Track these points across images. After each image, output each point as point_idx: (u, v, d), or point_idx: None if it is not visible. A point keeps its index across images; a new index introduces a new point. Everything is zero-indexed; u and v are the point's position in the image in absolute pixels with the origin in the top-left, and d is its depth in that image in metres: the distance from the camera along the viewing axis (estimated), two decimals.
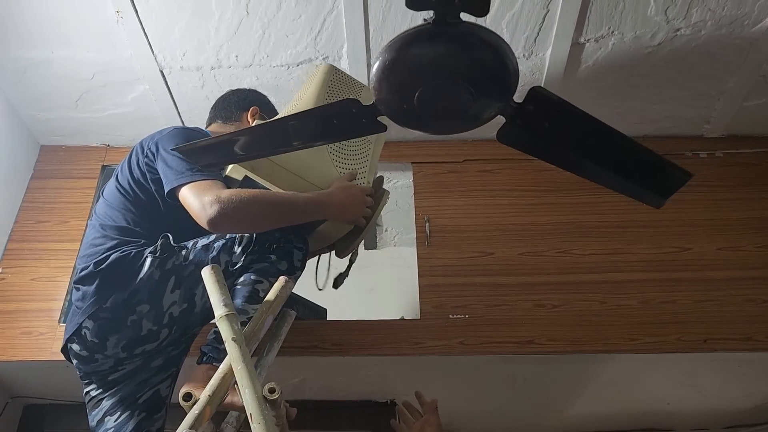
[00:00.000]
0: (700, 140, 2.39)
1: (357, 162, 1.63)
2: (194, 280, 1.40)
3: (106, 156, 2.36)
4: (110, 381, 1.47)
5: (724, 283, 2.04)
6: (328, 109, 1.13)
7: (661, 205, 1.45)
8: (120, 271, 1.42)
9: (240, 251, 1.45)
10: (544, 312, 2.00)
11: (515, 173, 2.31)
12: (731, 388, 2.27)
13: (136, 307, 1.38)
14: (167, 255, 1.42)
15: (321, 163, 1.56)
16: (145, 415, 1.46)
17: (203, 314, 1.45)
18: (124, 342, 1.40)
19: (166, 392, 1.53)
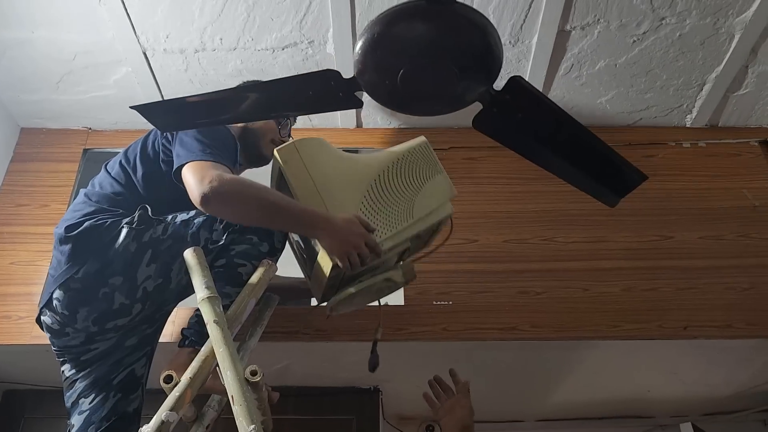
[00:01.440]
0: (683, 130, 2.41)
1: (384, 222, 1.47)
2: (171, 255, 1.38)
3: (88, 139, 2.33)
4: (83, 362, 1.44)
5: (704, 272, 2.06)
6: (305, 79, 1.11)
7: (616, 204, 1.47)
8: (93, 239, 1.38)
9: (221, 229, 1.42)
10: (528, 299, 2.01)
11: (501, 161, 2.31)
12: (711, 375, 2.30)
13: (109, 279, 1.35)
14: (145, 227, 1.39)
15: (348, 197, 1.46)
16: (120, 396, 1.44)
17: (178, 291, 1.42)
18: (94, 315, 1.37)
19: (141, 372, 1.50)
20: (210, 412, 1.38)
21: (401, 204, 1.50)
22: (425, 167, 1.56)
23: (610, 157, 1.22)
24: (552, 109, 1.11)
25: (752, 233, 2.15)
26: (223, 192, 1.33)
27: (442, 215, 1.54)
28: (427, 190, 1.54)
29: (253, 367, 1.21)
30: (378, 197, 1.48)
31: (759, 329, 1.95)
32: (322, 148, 1.50)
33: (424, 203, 1.53)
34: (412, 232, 1.50)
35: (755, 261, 2.09)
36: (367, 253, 1.38)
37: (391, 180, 1.51)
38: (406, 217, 1.49)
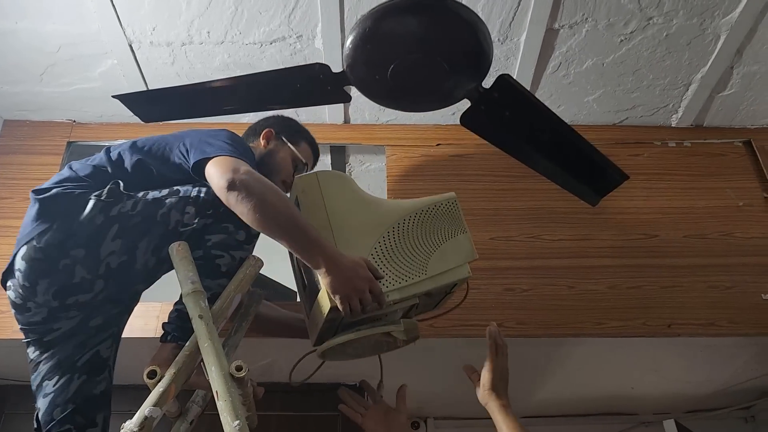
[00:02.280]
0: (669, 130, 2.43)
1: (394, 272, 1.39)
2: (138, 233, 1.34)
3: (72, 132, 2.31)
4: (46, 343, 1.40)
5: (688, 270, 2.08)
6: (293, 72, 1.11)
7: (597, 203, 1.49)
8: (59, 206, 1.34)
9: (193, 213, 1.38)
10: (514, 296, 2.02)
11: (488, 159, 2.32)
12: (694, 373, 2.32)
13: (71, 251, 1.30)
14: (114, 201, 1.34)
15: (361, 239, 1.40)
16: (86, 378, 1.40)
17: (145, 273, 1.38)
18: (54, 288, 1.33)
19: (107, 353, 1.46)
20: (194, 407, 1.37)
21: (416, 257, 1.41)
22: (449, 224, 1.48)
23: (592, 156, 1.22)
24: (539, 108, 1.11)
25: (735, 232, 2.18)
26: (252, 186, 1.28)
27: (457, 277, 1.44)
28: (447, 248, 1.45)
29: (238, 362, 1.20)
30: (392, 245, 1.41)
31: (741, 327, 1.97)
32: (344, 185, 1.45)
33: (441, 261, 1.43)
34: (423, 288, 1.41)
35: (738, 260, 2.11)
36: (369, 301, 1.30)
37: (410, 230, 1.43)
38: (418, 272, 1.40)
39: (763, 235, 2.17)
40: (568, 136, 1.15)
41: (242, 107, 1.18)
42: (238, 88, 1.14)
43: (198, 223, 1.39)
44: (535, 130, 1.16)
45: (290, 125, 1.82)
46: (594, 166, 1.23)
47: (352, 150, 2.58)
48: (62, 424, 1.37)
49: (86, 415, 1.39)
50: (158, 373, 1.21)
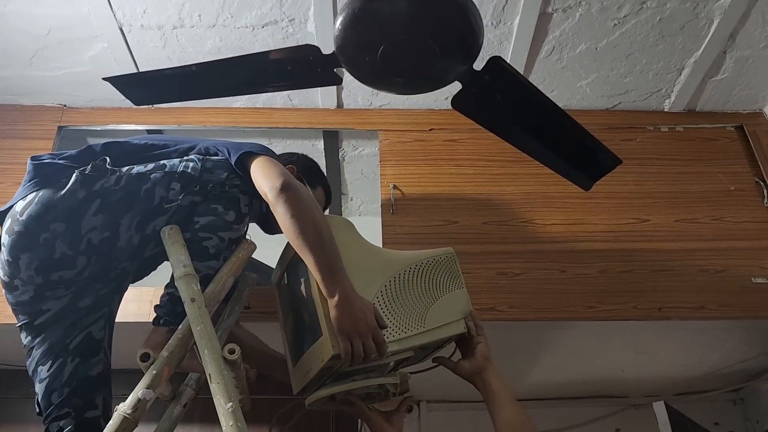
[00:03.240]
0: (661, 114, 2.44)
1: (394, 324, 1.35)
2: (122, 208, 1.33)
3: (63, 116, 2.29)
4: (37, 327, 1.39)
5: (679, 254, 2.09)
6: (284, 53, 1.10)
7: (589, 188, 1.48)
8: (43, 176, 1.34)
9: (178, 189, 1.37)
10: (506, 280, 2.03)
11: (481, 143, 2.32)
12: (683, 356, 2.34)
13: (51, 225, 1.29)
14: (97, 175, 1.33)
15: (363, 287, 1.34)
16: (79, 361, 1.39)
17: (130, 250, 1.36)
18: (36, 263, 1.31)
19: (100, 335, 1.44)
20: (188, 390, 1.37)
21: (415, 309, 1.38)
22: (447, 278, 1.46)
23: (585, 140, 1.22)
24: (530, 91, 1.11)
25: (726, 217, 2.19)
26: (303, 196, 1.32)
27: (454, 332, 1.42)
28: (444, 302, 1.43)
29: (231, 345, 1.21)
30: (393, 296, 1.38)
31: (731, 311, 1.99)
32: (348, 232, 1.43)
33: (438, 314, 1.40)
34: (421, 341, 1.37)
35: (729, 244, 2.13)
36: (372, 348, 1.26)
37: (410, 281, 1.41)
38: (417, 325, 1.37)
39: (753, 219, 2.18)
40: (561, 120, 1.15)
41: (234, 90, 1.18)
42: (229, 70, 1.13)
43: (183, 200, 1.37)
44: (528, 113, 1.15)
45: (311, 167, 1.84)
46: (587, 150, 1.23)
47: (344, 135, 2.57)
48: (60, 408, 1.36)
49: (84, 398, 1.38)
50: (151, 356, 1.21)
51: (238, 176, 1.44)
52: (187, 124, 2.32)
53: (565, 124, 1.18)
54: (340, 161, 2.69)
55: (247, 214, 1.45)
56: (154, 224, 1.37)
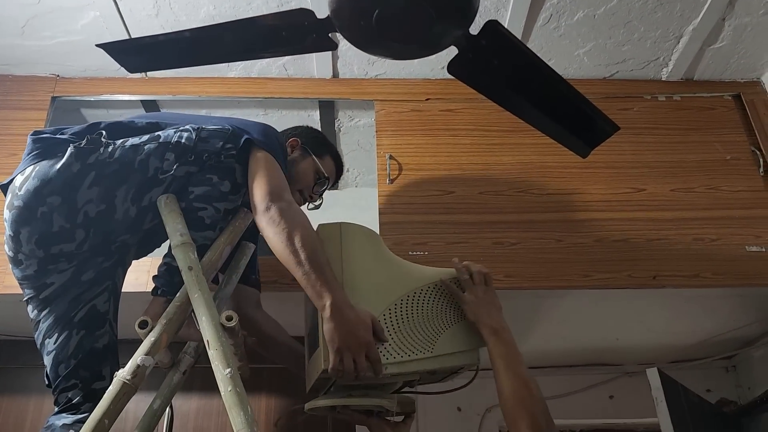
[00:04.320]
0: (659, 83, 2.42)
1: (399, 344, 1.30)
2: (116, 180, 1.33)
3: (56, 87, 2.27)
4: (42, 300, 1.41)
5: (674, 223, 2.10)
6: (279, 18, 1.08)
7: (587, 155, 1.47)
8: (40, 150, 1.34)
9: (173, 159, 1.36)
10: (502, 249, 2.04)
11: (478, 113, 2.31)
12: (677, 324, 2.37)
13: (47, 198, 1.30)
14: (92, 148, 1.33)
15: (371, 302, 1.31)
16: (84, 333, 1.41)
17: (127, 222, 1.37)
18: (36, 237, 1.32)
19: (104, 308, 1.45)
20: (186, 358, 1.39)
21: (425, 333, 1.32)
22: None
23: (583, 107, 1.22)
24: (527, 55, 1.10)
25: (722, 186, 2.19)
26: (286, 218, 1.33)
27: (464, 362, 1.35)
28: (460, 329, 1.36)
29: (228, 312, 1.22)
30: (403, 315, 1.31)
31: (725, 279, 2.00)
32: (367, 242, 1.38)
33: (451, 342, 1.34)
34: (426, 367, 1.31)
35: (724, 213, 2.13)
36: (363, 366, 1.23)
37: (426, 302, 1.35)
38: (424, 349, 1.30)
39: (749, 188, 2.19)
40: (558, 86, 1.14)
41: (228, 56, 1.17)
42: (223, 36, 1.12)
43: (179, 170, 1.37)
44: (525, 78, 1.14)
45: (317, 137, 1.84)
46: (584, 116, 1.22)
47: (340, 105, 2.56)
48: (68, 380, 1.39)
49: (91, 369, 1.40)
50: (149, 323, 1.22)
51: (235, 146, 1.43)
52: (182, 95, 2.30)
53: (563, 90, 1.17)
54: (336, 132, 2.67)
55: (243, 185, 1.45)
56: (150, 195, 1.37)
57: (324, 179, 1.78)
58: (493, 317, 1.33)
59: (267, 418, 2.11)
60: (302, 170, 1.73)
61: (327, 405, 1.35)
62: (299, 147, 1.76)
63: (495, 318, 1.33)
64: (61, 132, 1.40)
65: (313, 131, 1.87)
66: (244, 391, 1.12)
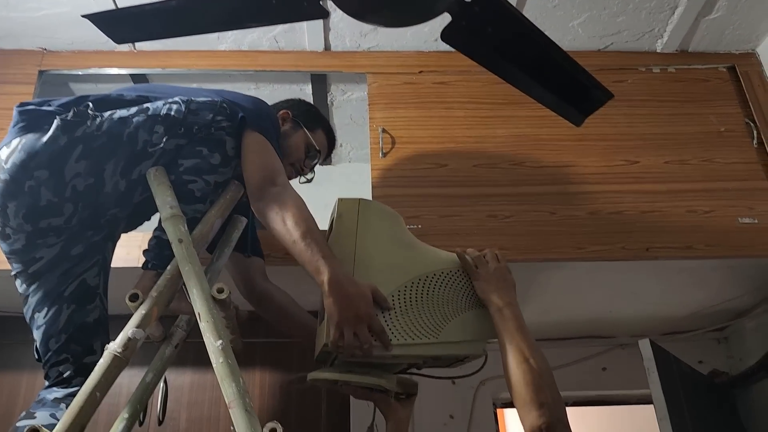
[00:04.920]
0: (654, 55, 2.40)
1: (404, 327, 1.28)
2: (104, 154, 1.31)
3: (43, 60, 2.23)
4: (32, 275, 1.40)
5: (668, 195, 2.10)
6: None
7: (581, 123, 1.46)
8: (26, 122, 1.31)
9: (162, 132, 1.34)
10: (496, 222, 2.03)
11: (471, 85, 2.29)
12: (670, 296, 2.38)
13: (34, 172, 1.27)
14: (79, 121, 1.30)
15: (381, 281, 1.28)
16: (75, 307, 1.40)
17: (116, 196, 1.36)
18: (23, 211, 1.30)
19: (94, 282, 1.45)
20: (179, 332, 1.39)
21: (433, 318, 1.29)
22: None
23: (577, 74, 1.20)
24: (521, 22, 1.08)
25: (716, 158, 2.18)
26: (279, 203, 1.34)
27: (469, 352, 1.34)
28: (470, 318, 1.33)
29: (220, 285, 1.21)
30: (412, 298, 1.29)
31: (717, 250, 2.01)
32: (385, 221, 1.34)
33: (458, 330, 1.31)
34: (429, 352, 1.30)
35: (717, 185, 2.13)
36: (366, 338, 1.22)
37: (437, 287, 1.32)
38: (430, 335, 1.28)
39: (742, 160, 2.18)
40: (552, 53, 1.12)
41: (217, 25, 1.15)
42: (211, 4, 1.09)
43: (168, 143, 1.35)
44: (518, 46, 1.13)
45: (309, 110, 1.82)
46: (579, 84, 1.21)
47: (333, 79, 2.53)
48: (59, 354, 1.38)
49: (82, 343, 1.40)
50: (140, 296, 1.22)
51: (225, 118, 1.41)
52: (171, 68, 2.27)
53: (557, 57, 1.15)
54: (329, 106, 2.65)
55: (234, 158, 1.43)
56: (140, 169, 1.35)
57: (315, 153, 1.76)
58: (501, 292, 1.32)
59: (261, 392, 2.12)
60: (293, 144, 1.72)
61: (328, 378, 1.35)
62: (290, 120, 1.75)
63: (503, 293, 1.32)
64: (48, 104, 1.37)
65: (305, 104, 1.85)
66: (236, 363, 1.11)
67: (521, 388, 1.15)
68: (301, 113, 1.78)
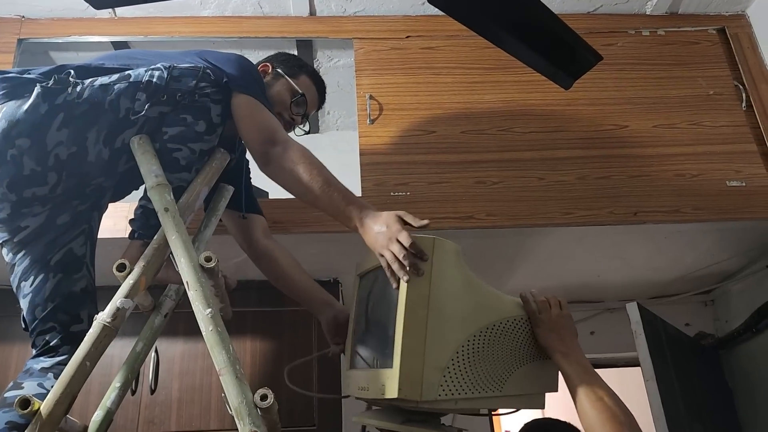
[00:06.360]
0: (643, 18, 2.38)
1: (473, 379, 1.20)
2: (86, 122, 1.28)
3: (22, 28, 2.18)
4: (18, 243, 1.38)
5: (656, 159, 2.10)
6: None
7: (570, 86, 1.44)
8: (6, 91, 1.29)
9: (144, 99, 1.31)
10: (484, 188, 2.03)
11: (459, 51, 2.26)
12: (658, 260, 2.40)
13: (16, 140, 1.25)
14: (60, 88, 1.27)
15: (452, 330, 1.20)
16: (62, 276, 1.39)
17: (101, 165, 1.33)
18: (7, 180, 1.28)
19: (81, 251, 1.43)
20: (168, 301, 1.38)
21: (498, 369, 1.23)
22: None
23: (565, 36, 1.18)
24: None
25: (705, 121, 2.18)
26: (287, 162, 1.35)
27: (530, 406, 1.28)
28: (531, 370, 1.27)
29: (207, 253, 1.20)
30: (479, 349, 1.21)
31: (704, 214, 2.02)
32: (456, 262, 1.25)
33: (521, 382, 1.25)
34: (492, 405, 1.25)
35: (705, 149, 2.13)
36: (399, 251, 1.21)
37: (503, 336, 1.25)
38: (495, 387, 1.22)
39: (731, 123, 2.18)
40: (541, 15, 1.11)
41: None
42: None
43: (151, 111, 1.32)
44: (506, 8, 1.11)
45: (289, 59, 1.78)
46: (567, 46, 1.19)
47: (319, 45, 2.49)
48: (45, 322, 1.37)
49: (69, 312, 1.39)
50: (127, 266, 1.21)
51: (210, 84, 1.39)
52: (153, 35, 2.22)
53: (546, 19, 1.14)
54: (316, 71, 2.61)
55: (219, 125, 1.41)
56: (123, 137, 1.33)
57: (300, 97, 1.72)
58: (565, 341, 1.27)
59: (252, 361, 2.12)
60: (276, 93, 1.68)
61: (380, 427, 1.28)
62: (271, 71, 1.71)
63: (568, 341, 1.27)
64: (28, 72, 1.34)
65: (286, 54, 1.81)
66: (226, 331, 1.11)
67: (600, 428, 1.10)
68: (281, 62, 1.74)
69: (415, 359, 1.13)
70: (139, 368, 1.29)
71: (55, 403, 1.06)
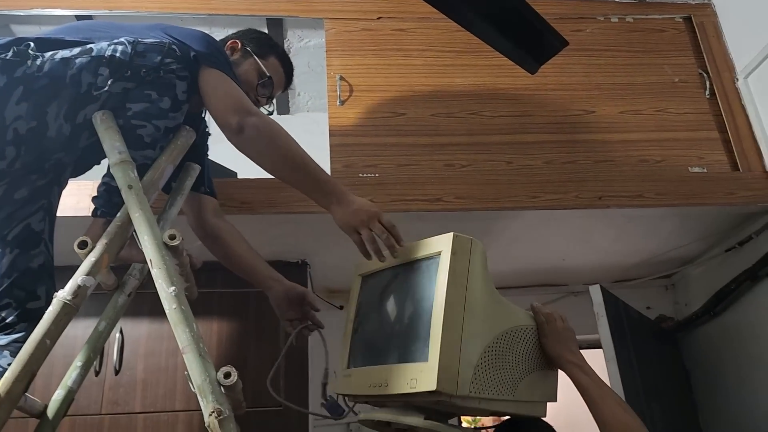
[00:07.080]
0: (612, 4, 2.41)
1: (492, 382, 1.20)
2: (46, 96, 1.25)
3: None
4: None
5: (621, 145, 2.14)
6: None
7: (536, 71, 1.45)
8: None
9: (107, 75, 1.28)
10: (453, 171, 2.04)
11: (430, 33, 2.26)
12: (621, 244, 2.44)
13: None
14: (19, 60, 1.24)
15: (482, 329, 1.22)
16: (19, 252, 1.37)
17: (61, 140, 1.30)
18: None
19: (39, 227, 1.41)
20: (132, 280, 1.36)
21: (512, 374, 1.25)
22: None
23: (533, 20, 1.19)
24: None
25: (669, 108, 2.22)
26: (263, 132, 1.35)
27: (534, 413, 1.30)
28: (536, 378, 1.29)
29: (171, 231, 1.19)
30: (499, 351, 1.23)
31: (667, 199, 2.06)
32: (485, 264, 1.27)
33: (529, 389, 1.27)
34: (504, 409, 1.26)
35: (670, 135, 2.18)
36: (380, 229, 1.31)
37: (517, 342, 1.27)
38: (508, 391, 1.23)
39: (694, 110, 2.23)
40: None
41: None
42: None
43: (114, 87, 1.29)
44: None
45: (259, 38, 1.74)
46: (534, 31, 1.20)
47: (289, 24, 2.47)
48: (1, 299, 1.34)
49: (25, 289, 1.36)
50: (89, 243, 1.19)
51: (175, 60, 1.36)
52: (119, 9, 2.17)
53: (514, 3, 1.14)
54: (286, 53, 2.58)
55: (184, 102, 1.38)
56: (85, 113, 1.30)
57: (267, 80, 1.70)
58: (576, 353, 1.31)
59: (218, 341, 2.11)
60: (243, 72, 1.64)
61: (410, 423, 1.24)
62: (240, 49, 1.68)
63: (577, 353, 1.32)
64: None
65: (255, 32, 1.77)
66: (190, 310, 1.11)
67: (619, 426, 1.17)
68: (251, 41, 1.71)
69: (453, 354, 1.15)
70: (102, 348, 1.28)
71: (13, 381, 1.04)
